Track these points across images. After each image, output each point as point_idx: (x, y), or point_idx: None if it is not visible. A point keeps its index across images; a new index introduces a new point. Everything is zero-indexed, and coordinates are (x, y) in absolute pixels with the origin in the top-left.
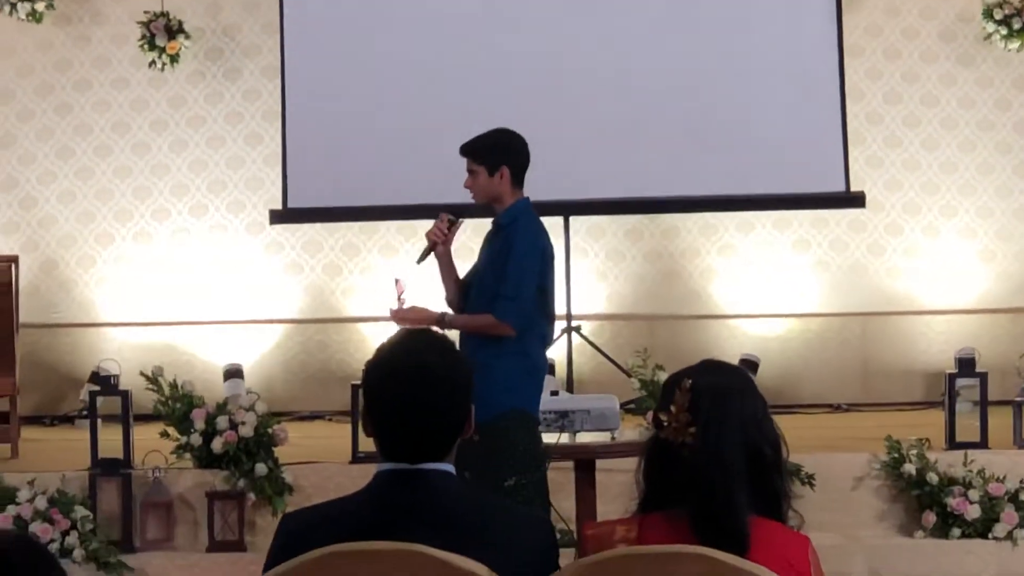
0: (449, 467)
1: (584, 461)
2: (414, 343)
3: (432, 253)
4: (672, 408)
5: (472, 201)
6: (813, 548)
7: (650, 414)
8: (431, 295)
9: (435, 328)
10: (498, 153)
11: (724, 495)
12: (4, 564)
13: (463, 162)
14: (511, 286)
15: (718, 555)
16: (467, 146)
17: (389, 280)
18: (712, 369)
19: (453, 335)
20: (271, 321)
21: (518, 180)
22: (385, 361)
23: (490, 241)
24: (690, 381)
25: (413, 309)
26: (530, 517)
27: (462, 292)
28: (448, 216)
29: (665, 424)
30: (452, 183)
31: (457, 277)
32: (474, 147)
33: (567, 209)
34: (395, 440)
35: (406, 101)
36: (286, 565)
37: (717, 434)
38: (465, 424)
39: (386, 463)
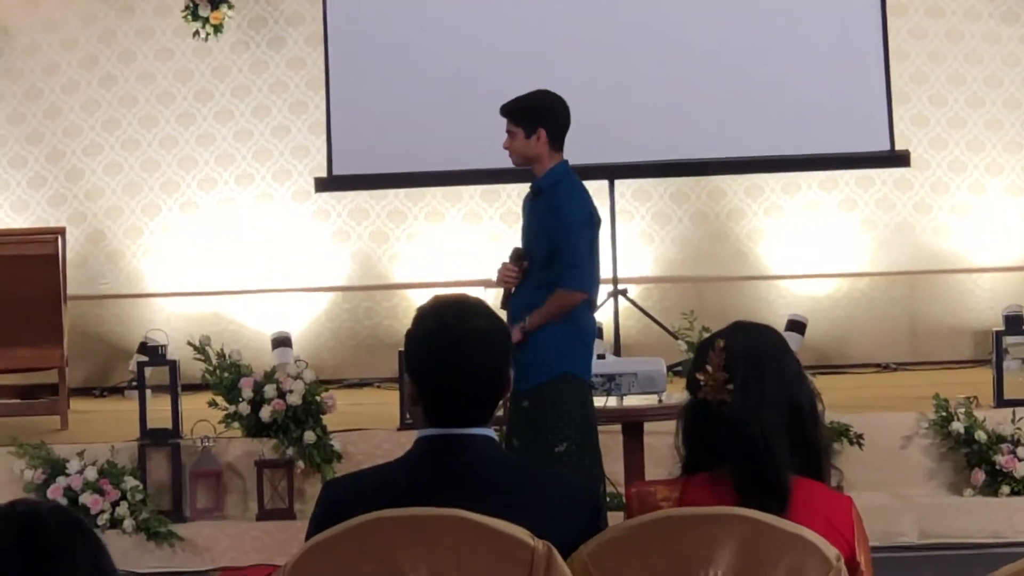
0: (491, 432)
1: (632, 424)
2: (455, 308)
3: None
4: (708, 368)
5: (511, 163)
6: (856, 508)
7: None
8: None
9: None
10: (536, 115)
11: (765, 450)
12: (40, 534)
13: (503, 128)
14: (570, 254)
15: (759, 516)
16: (506, 106)
17: (435, 246)
18: (744, 329)
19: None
20: (319, 289)
21: (557, 143)
22: (429, 327)
23: (530, 204)
24: (723, 341)
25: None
26: (573, 483)
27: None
28: (516, 258)
29: (702, 384)
30: (496, 148)
31: None
32: (513, 108)
33: (612, 172)
34: (440, 405)
35: (449, 66)
36: (328, 532)
37: (755, 389)
38: (504, 387)
39: (428, 428)
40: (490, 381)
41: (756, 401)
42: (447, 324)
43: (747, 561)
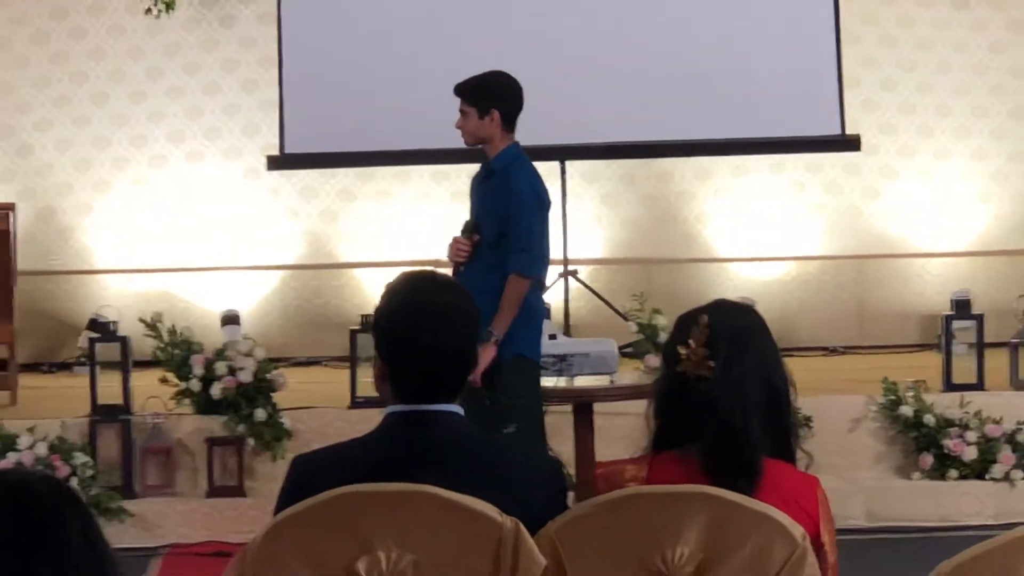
0: (459, 409)
1: (582, 405)
2: (425, 283)
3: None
4: (691, 343)
5: (462, 143)
6: (822, 489)
7: (649, 357)
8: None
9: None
10: (490, 96)
11: (741, 427)
12: (32, 503)
13: (455, 108)
14: (522, 236)
15: (726, 495)
16: (460, 86)
17: (385, 226)
18: (727, 307)
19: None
20: (268, 267)
21: (509, 124)
22: (401, 302)
23: (480, 185)
24: (707, 317)
25: (483, 355)
26: (540, 459)
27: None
28: (468, 231)
29: (683, 358)
30: (447, 128)
31: None
32: (466, 88)
33: (563, 153)
34: (409, 381)
35: (402, 46)
36: (297, 507)
37: (736, 367)
38: (473, 364)
39: (398, 404)
40: (459, 357)
41: (736, 379)
42: (417, 299)
43: (714, 539)
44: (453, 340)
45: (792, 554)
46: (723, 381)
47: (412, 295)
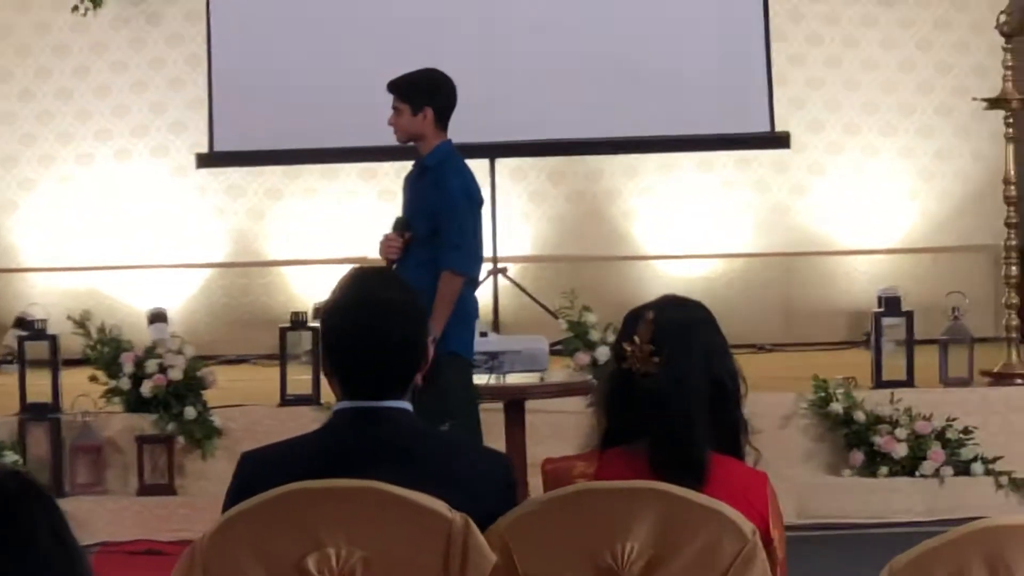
0: (407, 405)
1: (514, 402)
2: (373, 281)
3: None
4: (636, 338)
5: (395, 140)
6: (771, 485)
7: (578, 355)
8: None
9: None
10: (423, 93)
11: (686, 423)
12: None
13: (387, 106)
14: (456, 233)
15: (676, 490)
16: (394, 83)
17: (312, 224)
18: (675, 302)
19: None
20: (195, 265)
21: (442, 122)
22: (348, 299)
23: (413, 182)
24: (652, 313)
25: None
26: (489, 455)
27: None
28: (399, 227)
29: (628, 354)
30: (374, 126)
31: None
32: (400, 84)
33: (493, 151)
34: (358, 377)
35: (331, 45)
36: (245, 504)
37: (681, 363)
38: (422, 359)
39: (345, 401)
40: (408, 353)
41: (681, 375)
42: (365, 295)
43: (664, 535)
44: (401, 335)
45: (742, 549)
46: (668, 376)
47: (360, 291)
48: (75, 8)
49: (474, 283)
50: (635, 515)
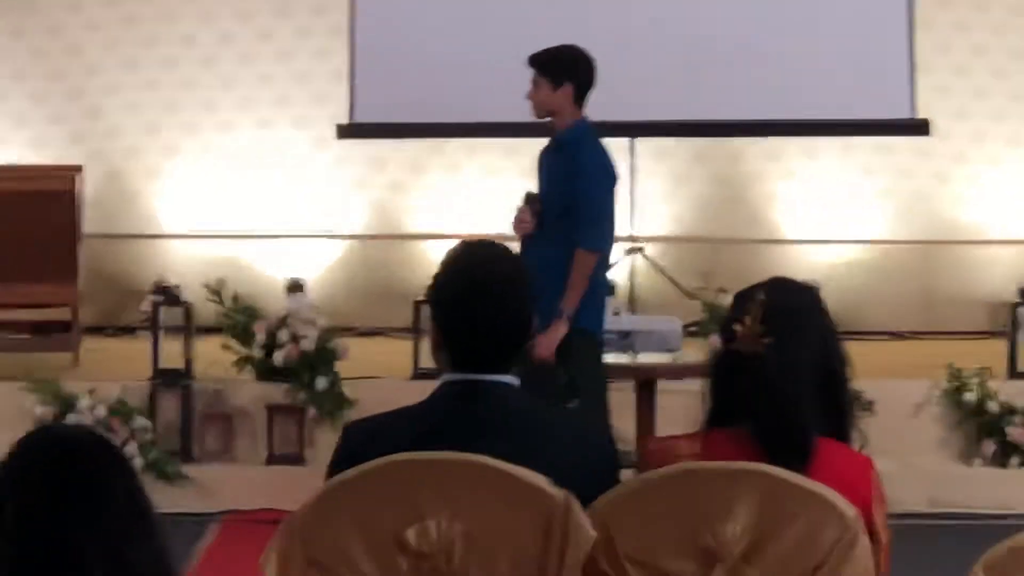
0: (513, 379)
1: (645, 382)
2: (483, 252)
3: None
4: (746, 319)
5: (531, 115)
6: (876, 470)
7: (713, 337)
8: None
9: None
10: (564, 68)
11: (794, 405)
12: (78, 458)
13: (527, 83)
14: (590, 210)
15: (780, 473)
16: (534, 56)
17: (452, 198)
18: (785, 285)
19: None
20: (334, 236)
21: (580, 99)
22: (458, 272)
23: (548, 158)
24: (764, 294)
25: (548, 336)
26: (592, 434)
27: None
28: (529, 201)
29: (738, 335)
30: (518, 102)
31: None
32: (541, 58)
33: (633, 130)
34: (464, 349)
35: (473, 19)
36: (347, 474)
37: (792, 345)
38: (527, 334)
39: (451, 373)
40: (514, 327)
41: (791, 358)
42: (474, 268)
43: (765, 517)
44: (507, 310)
45: (844, 534)
46: (777, 359)
47: (468, 264)
48: None
49: (607, 261)
50: (737, 496)
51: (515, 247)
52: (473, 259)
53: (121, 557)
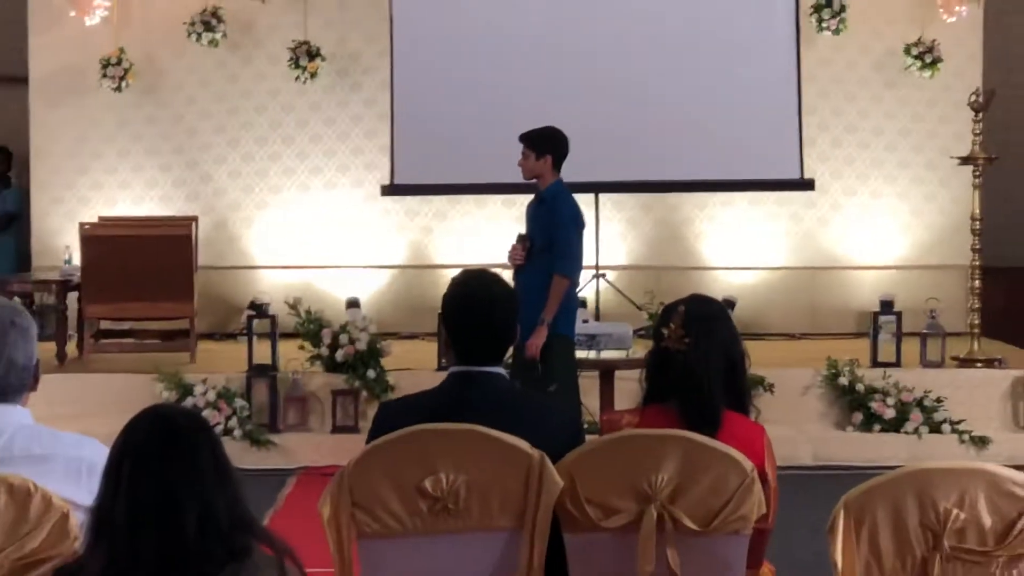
0: (501, 370)
1: (606, 371)
2: (479, 278)
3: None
4: (671, 325)
5: (522, 178)
6: (767, 435)
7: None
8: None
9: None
10: (546, 143)
11: (708, 388)
12: (175, 430)
13: (518, 154)
14: (565, 246)
15: (697, 437)
16: (525, 135)
17: (468, 238)
18: (700, 299)
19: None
20: (381, 267)
21: (558, 165)
22: (462, 292)
23: (533, 209)
24: (683, 307)
25: (533, 339)
26: (560, 408)
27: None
28: (521, 240)
29: (665, 336)
30: (511, 168)
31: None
32: (529, 136)
33: (597, 188)
34: (466, 348)
35: (481, 106)
36: (381, 439)
37: (705, 344)
38: (513, 337)
39: (457, 366)
40: (502, 333)
41: (704, 352)
42: (474, 289)
43: (686, 469)
44: (496, 320)
45: (744, 480)
46: (694, 353)
47: (468, 286)
48: (297, 78)
49: (576, 285)
50: (665, 455)
51: (508, 274)
52: (471, 283)
53: (208, 502)
